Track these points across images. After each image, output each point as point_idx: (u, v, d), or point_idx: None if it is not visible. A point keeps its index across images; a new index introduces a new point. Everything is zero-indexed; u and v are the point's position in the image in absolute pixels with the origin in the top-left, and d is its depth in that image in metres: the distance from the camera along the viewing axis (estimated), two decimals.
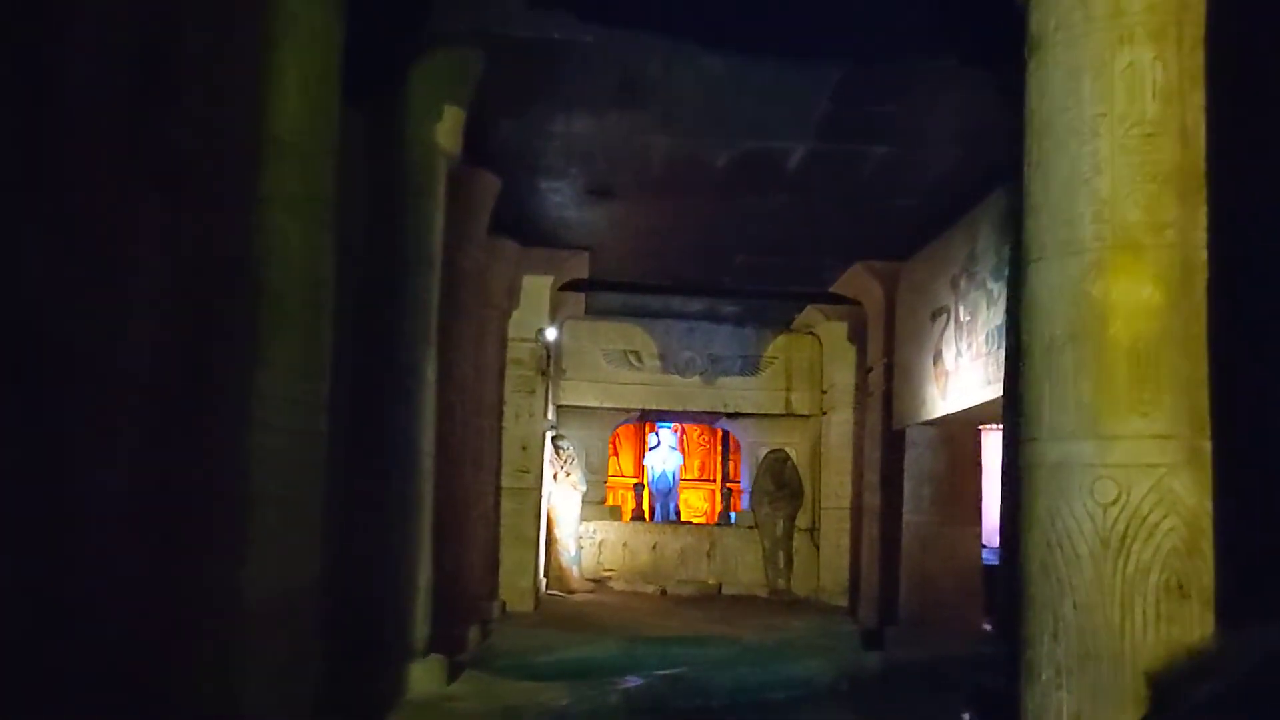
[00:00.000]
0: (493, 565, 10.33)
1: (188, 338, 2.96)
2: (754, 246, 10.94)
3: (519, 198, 9.11)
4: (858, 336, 13.30)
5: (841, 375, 13.67)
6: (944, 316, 9.62)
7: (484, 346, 9.97)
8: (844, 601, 13.16)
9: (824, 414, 14.40)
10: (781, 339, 14.92)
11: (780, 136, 7.70)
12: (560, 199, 9.37)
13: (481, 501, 9.91)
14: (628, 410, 15.03)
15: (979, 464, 10.44)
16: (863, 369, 12.82)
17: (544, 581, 13.00)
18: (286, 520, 3.23)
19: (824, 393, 14.42)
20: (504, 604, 10.50)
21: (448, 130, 5.83)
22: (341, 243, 5.02)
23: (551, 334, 11.08)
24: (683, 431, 19.93)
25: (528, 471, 10.91)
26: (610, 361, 14.68)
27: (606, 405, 14.73)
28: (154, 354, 2.85)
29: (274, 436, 3.19)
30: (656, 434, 18.10)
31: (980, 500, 10.40)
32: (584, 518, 14.13)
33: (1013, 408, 5.42)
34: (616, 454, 19.84)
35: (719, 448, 20.01)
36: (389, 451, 5.20)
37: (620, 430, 19.35)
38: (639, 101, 6.98)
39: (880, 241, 10.61)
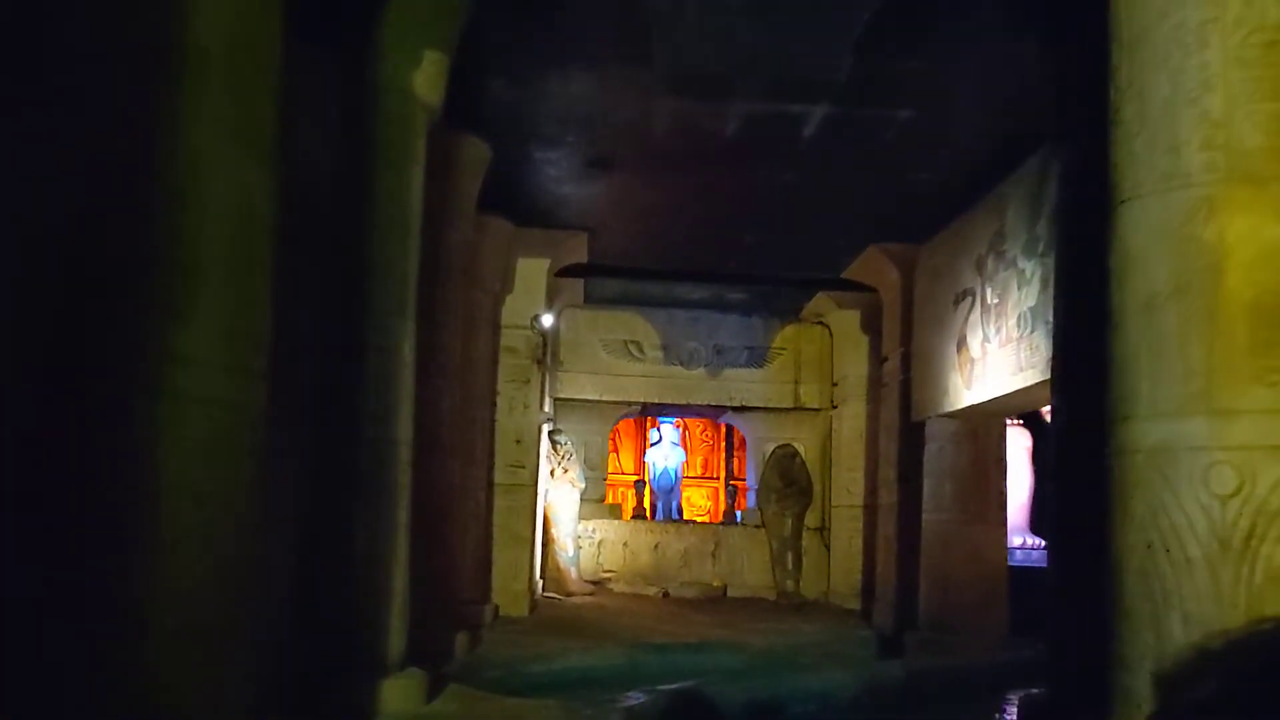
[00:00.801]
0: (484, 567, 9.70)
1: (75, 281, 2.34)
2: (763, 226, 10.30)
3: (512, 170, 8.48)
4: (871, 326, 12.68)
5: (853, 367, 13.04)
6: (968, 300, 8.99)
7: (474, 332, 9.33)
8: (856, 604, 12.53)
9: (834, 407, 13.78)
10: (790, 329, 14.28)
11: (797, 97, 7.06)
12: (556, 172, 8.74)
13: (472, 498, 9.27)
14: (628, 404, 14.40)
15: (1003, 459, 9.80)
16: (877, 359, 12.20)
17: (540, 584, 12.39)
18: (208, 517, 2.60)
19: (834, 385, 13.79)
20: (497, 608, 9.87)
21: (428, 78, 5.19)
22: (305, 200, 4.38)
23: (548, 321, 10.45)
24: (685, 427, 19.30)
25: (522, 467, 10.28)
26: (610, 352, 14.04)
27: (606, 398, 14.10)
28: (23, 301, 2.24)
29: (193, 411, 2.56)
30: (658, 429, 17.46)
31: (1005, 497, 9.77)
32: (582, 516, 13.49)
33: (1066, 391, 4.80)
34: (617, 450, 19.22)
35: (722, 444, 19.39)
36: (359, 438, 4.57)
37: (620, 425, 18.75)
38: (642, 53, 6.32)
39: (898, 222, 9.98)
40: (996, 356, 8.29)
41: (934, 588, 9.56)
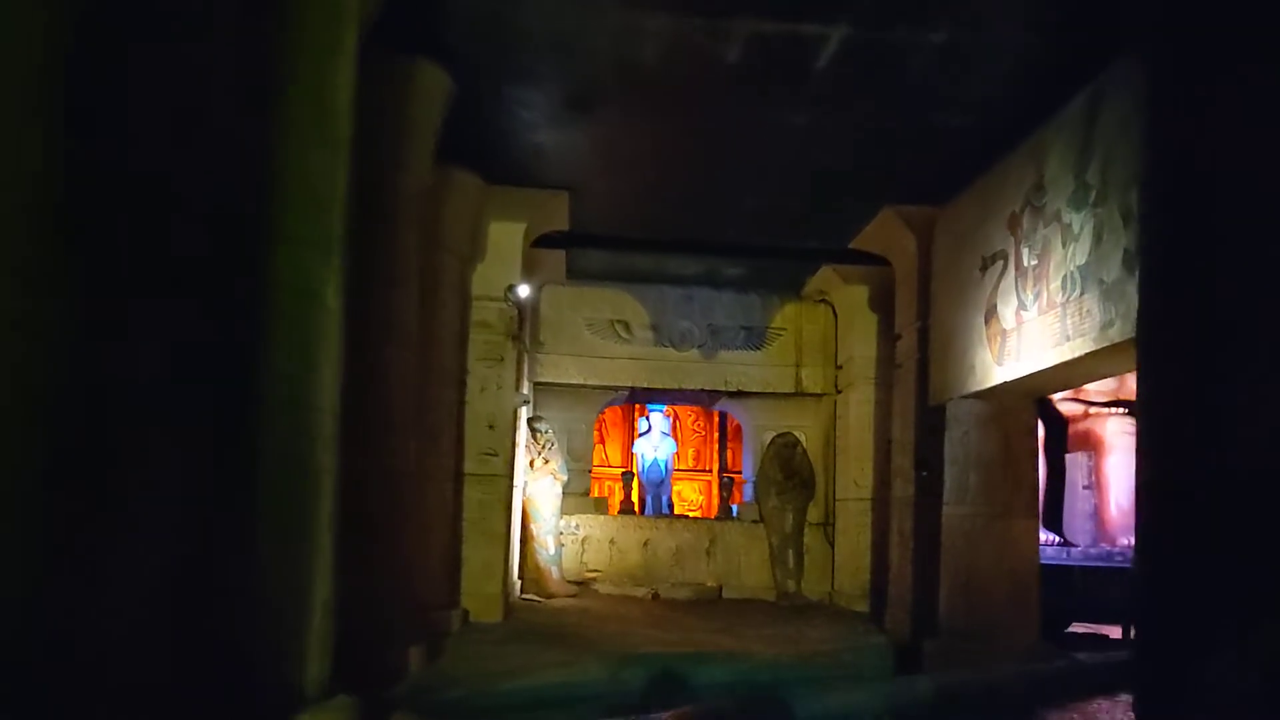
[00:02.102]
0: (452, 567, 8.70)
1: None
2: (767, 186, 9.31)
3: (479, 112, 7.47)
4: (880, 302, 11.71)
5: (861, 347, 12.06)
6: (999, 265, 8.01)
7: (439, 300, 8.34)
8: (864, 606, 11.57)
9: (839, 392, 12.81)
10: (791, 307, 13.29)
11: (812, 15, 6.05)
12: (531, 116, 7.71)
13: (436, 489, 8.28)
14: (615, 388, 13.39)
15: (1035, 445, 8.84)
16: (888, 339, 11.21)
17: (518, 585, 11.39)
18: None
19: (839, 368, 12.81)
20: (466, 613, 8.87)
21: None
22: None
23: (524, 292, 9.43)
24: (675, 416, 18.31)
25: (496, 454, 9.26)
26: (595, 333, 13.04)
27: (591, 383, 13.09)
28: None
29: None
30: (647, 418, 16.46)
31: (1036, 488, 8.81)
32: (565, 511, 12.49)
33: (1159, 354, 3.81)
34: (603, 441, 18.22)
35: (715, 434, 18.41)
36: (261, 403, 3.55)
37: (607, 414, 17.77)
38: None
39: (916, 180, 9.01)
40: (1035, 326, 7.32)
41: (956, 589, 8.59)
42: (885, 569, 10.48)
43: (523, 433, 11.53)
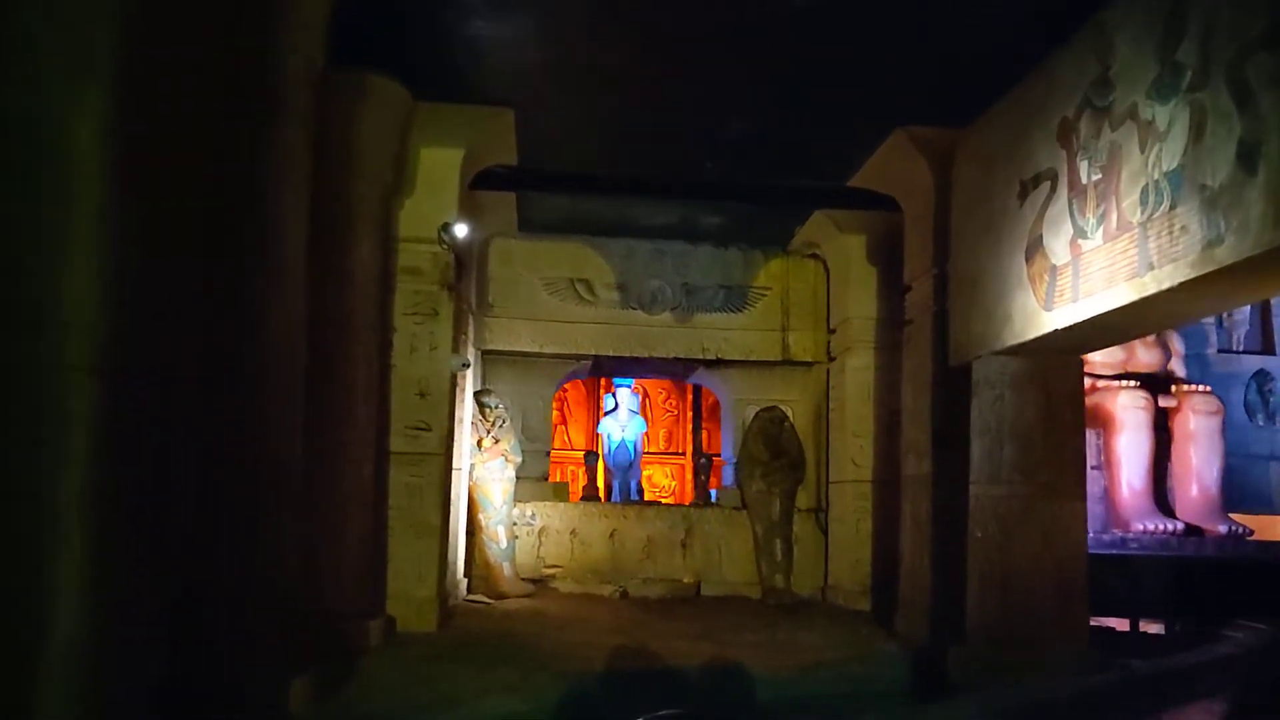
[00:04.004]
0: (371, 566, 7.19)
1: None
2: (755, 105, 7.86)
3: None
4: (881, 253, 10.31)
5: (858, 306, 10.63)
6: (1045, 187, 6.59)
7: (352, 237, 6.84)
8: (865, 604, 10.18)
9: (832, 359, 11.37)
10: (776, 263, 11.84)
11: None
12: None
13: (351, 470, 6.78)
14: (576, 357, 11.87)
15: (1080, 409, 7.44)
16: (890, 294, 9.83)
17: (463, 585, 9.90)
18: None
19: (833, 332, 11.38)
20: (392, 622, 7.39)
21: None
22: None
23: (462, 231, 7.90)
24: (645, 394, 16.82)
25: (428, 428, 7.75)
26: (552, 293, 11.53)
27: (548, 351, 11.58)
28: None
29: None
30: (613, 394, 14.96)
31: (1084, 462, 7.42)
32: (519, 498, 11.01)
33: None
34: (566, 422, 16.72)
35: (689, 413, 16.93)
36: None
37: (570, 392, 16.26)
38: None
39: (934, 94, 7.58)
40: (1099, 258, 5.89)
41: (989, 587, 7.20)
42: (891, 561, 9.07)
43: (468, 407, 10.04)
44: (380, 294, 7.39)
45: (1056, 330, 6.41)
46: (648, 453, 15.84)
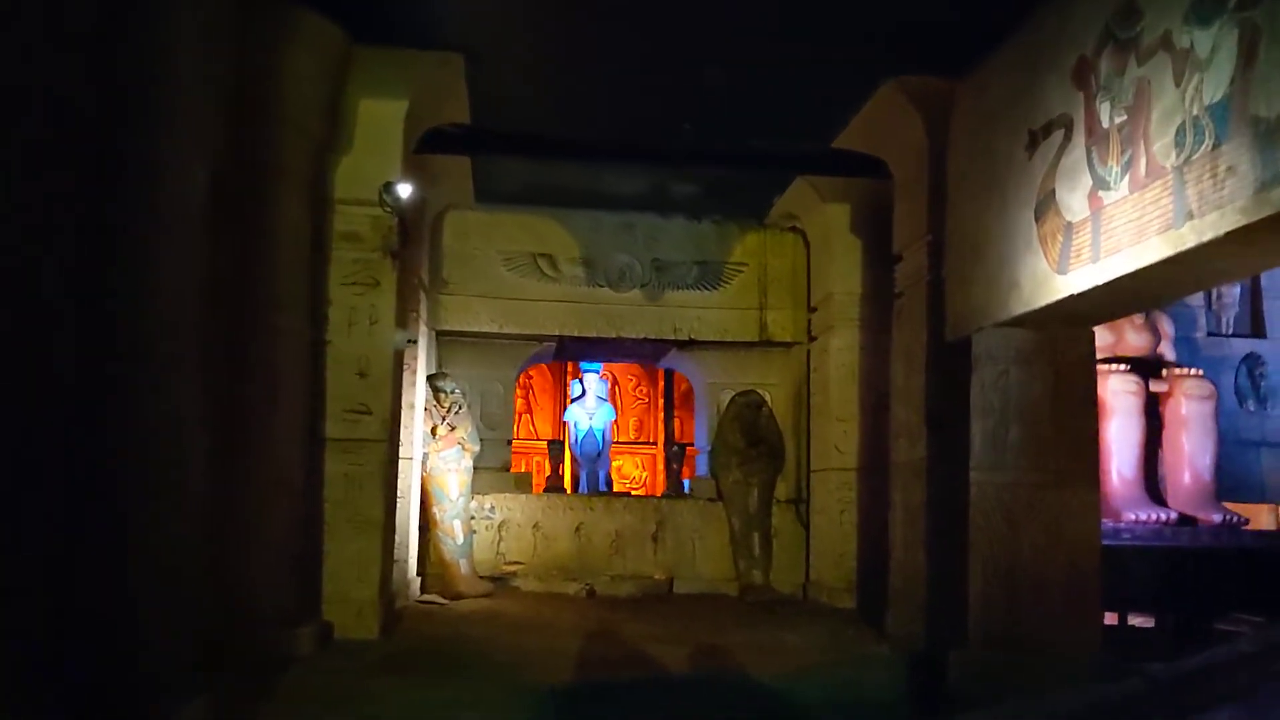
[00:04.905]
0: (303, 565, 6.45)
1: None
2: (733, 56, 7.17)
3: None
4: (867, 223, 9.67)
5: (841, 282, 9.97)
6: (1059, 135, 5.92)
7: (276, 193, 6.09)
8: (849, 602, 9.55)
9: (813, 339, 10.70)
10: (753, 237, 11.16)
11: None
12: None
13: (277, 457, 6.03)
14: (539, 338, 11.13)
15: (1094, 387, 6.78)
16: (877, 267, 9.18)
17: (415, 584, 9.18)
18: None
19: (813, 310, 10.71)
20: (328, 629, 6.66)
21: None
22: None
23: (405, 192, 7.14)
24: (614, 381, 16.13)
25: (369, 412, 6.99)
26: (513, 269, 10.80)
27: (509, 331, 10.84)
28: None
29: None
30: (580, 380, 14.24)
31: (1097, 446, 6.77)
32: (478, 490, 10.29)
33: None
34: (531, 411, 16.00)
35: (660, 401, 16.25)
36: None
37: (535, 378, 15.55)
38: None
39: (930, 37, 6.92)
40: (1124, 210, 5.22)
41: (994, 583, 6.53)
42: (878, 555, 8.42)
43: (420, 391, 9.30)
44: (312, 260, 6.66)
45: (1072, 295, 5.75)
46: (617, 442, 15.16)
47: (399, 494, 8.47)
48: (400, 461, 8.48)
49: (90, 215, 3.67)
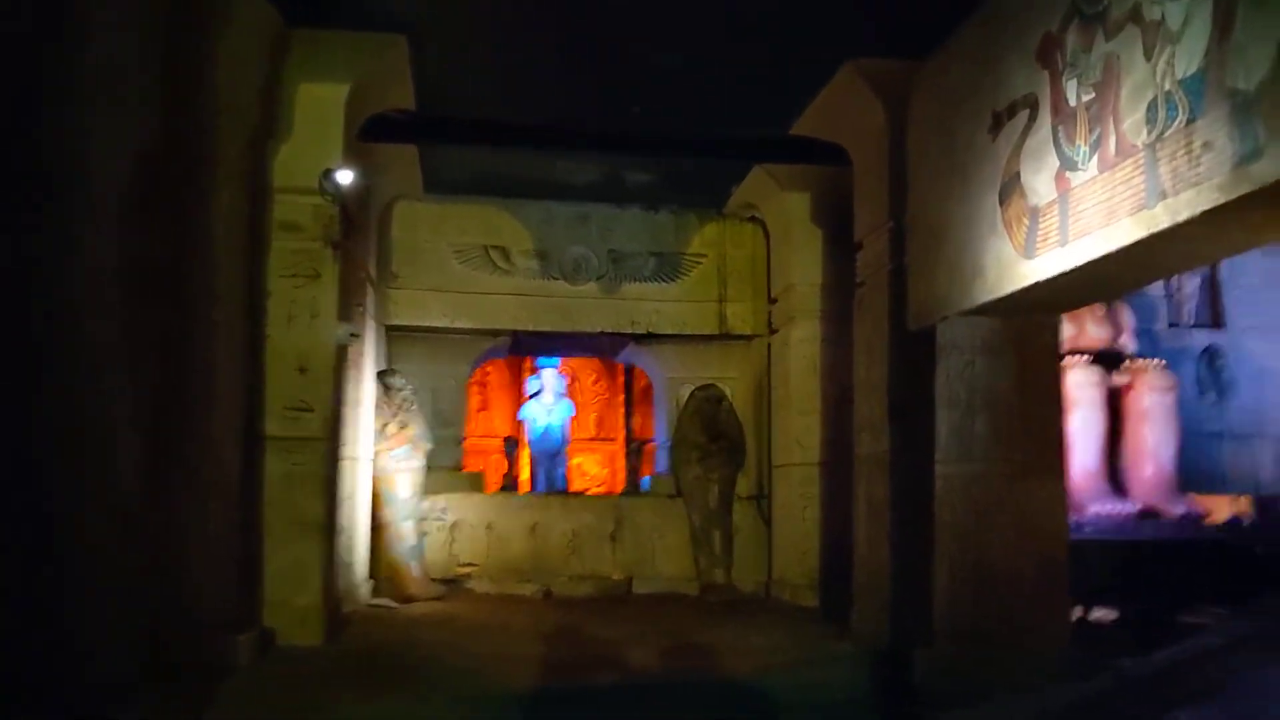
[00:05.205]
0: (241, 570, 6.16)
1: None
2: (686, 30, 6.94)
3: None
4: (828, 212, 9.50)
5: (801, 273, 9.79)
6: (1024, 116, 5.75)
7: (210, 181, 5.79)
8: (812, 600, 9.36)
9: (774, 332, 10.52)
10: (712, 228, 10.96)
11: None
12: None
13: (212, 456, 5.74)
14: (493, 333, 10.87)
15: (1058, 377, 6.65)
16: (839, 258, 9.02)
17: (364, 588, 8.90)
18: None
19: (774, 302, 10.52)
20: (269, 636, 6.38)
21: None
22: None
23: (346, 179, 6.86)
24: (573, 376, 15.87)
25: (310, 409, 6.71)
26: (465, 262, 10.53)
27: (461, 325, 10.57)
28: None
29: None
30: (537, 375, 13.98)
31: (1063, 437, 6.63)
32: (430, 490, 10.01)
33: None
34: (487, 407, 15.70)
35: (620, 396, 16.01)
36: None
37: (492, 374, 15.25)
38: None
39: (890, 17, 6.75)
40: (1093, 191, 5.05)
41: (961, 578, 6.38)
42: (842, 552, 8.23)
43: (368, 388, 9.01)
44: (249, 251, 6.37)
45: (1039, 282, 5.57)
46: (576, 439, 14.91)
47: (347, 494, 8.20)
48: (348, 461, 8.22)
49: (6, 200, 3.40)
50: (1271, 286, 10.55)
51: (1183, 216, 4.34)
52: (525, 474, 14.08)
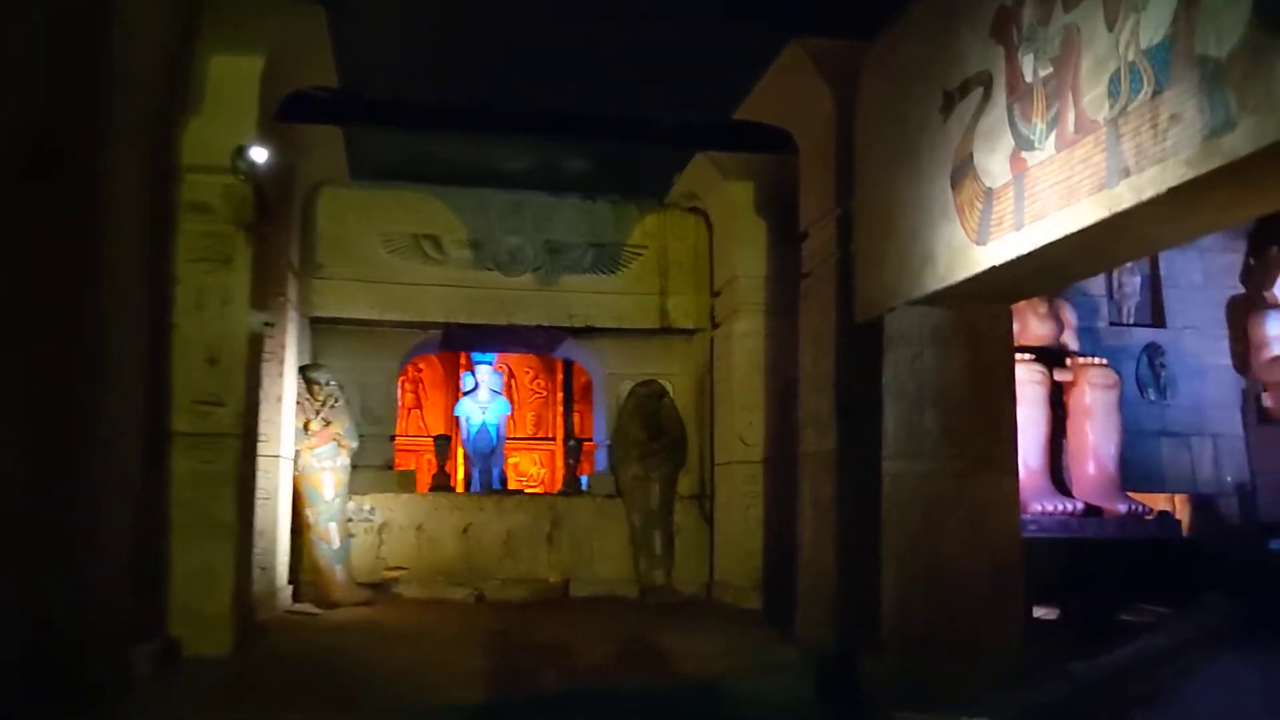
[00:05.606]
0: (142, 575, 5.74)
1: None
2: (625, 7, 6.63)
3: None
4: (772, 202, 9.29)
5: (745, 265, 9.55)
6: (978, 94, 5.51)
7: (113, 162, 5.36)
8: (755, 602, 9.09)
9: (716, 326, 10.25)
10: (652, 219, 10.64)
11: None
12: None
13: (104, 455, 5.31)
14: (424, 325, 10.45)
15: (1011, 369, 6.42)
16: (783, 249, 8.80)
17: (287, 592, 8.49)
18: None
19: (716, 295, 10.25)
20: (173, 645, 5.97)
21: None
22: None
23: (260, 157, 6.45)
24: (510, 374, 15.51)
25: (222, 404, 6.29)
26: (394, 252, 10.11)
27: (390, 318, 10.14)
28: None
29: None
30: (473, 372, 13.58)
31: (1016, 430, 6.39)
32: (357, 490, 9.60)
33: None
34: (421, 405, 15.29)
35: (560, 394, 15.68)
36: None
37: (425, 373, 14.85)
38: None
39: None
40: (1050, 171, 4.81)
41: (911, 579, 6.12)
42: (787, 553, 7.97)
43: (290, 383, 8.59)
44: (153, 234, 5.94)
45: (993, 268, 5.32)
46: (514, 438, 14.55)
47: (266, 495, 7.84)
48: (268, 460, 7.83)
49: None
50: (1211, 285, 10.54)
51: (1147, 194, 4.10)
52: (460, 473, 13.69)
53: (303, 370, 9.14)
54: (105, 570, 5.30)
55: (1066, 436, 9.09)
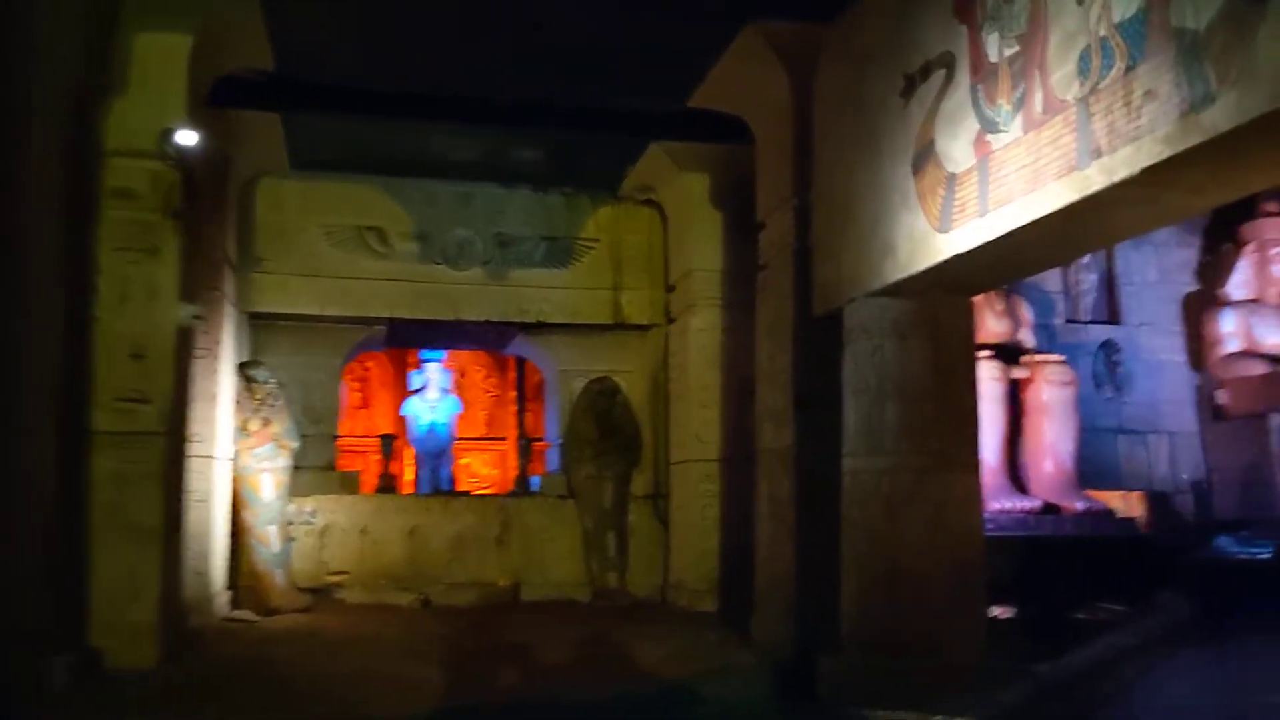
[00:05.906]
0: (59, 582, 5.42)
1: None
2: None
3: None
4: (728, 194, 9.10)
5: (701, 258, 9.34)
6: (940, 76, 5.32)
7: (28, 145, 5.04)
8: (711, 605, 8.87)
9: (671, 321, 10.02)
10: (606, 211, 10.39)
11: None
12: None
13: (17, 455, 4.98)
14: (369, 321, 10.12)
15: (973, 364, 6.24)
16: (739, 242, 8.60)
17: (225, 599, 8.15)
18: None
19: (671, 289, 10.03)
20: (94, 657, 5.63)
21: None
22: None
23: (189, 140, 6.13)
24: (461, 372, 15.19)
25: (147, 401, 5.96)
26: (337, 245, 9.79)
27: (333, 314, 9.79)
28: None
29: None
30: (422, 370, 13.26)
31: (979, 425, 6.22)
32: (298, 492, 9.27)
33: None
34: (368, 404, 14.95)
35: (512, 393, 15.38)
36: None
37: (374, 371, 14.51)
38: None
39: None
40: (1017, 154, 4.62)
41: (871, 580, 5.91)
42: (744, 554, 7.75)
43: (225, 380, 8.25)
44: (72, 221, 5.60)
45: (956, 256, 5.14)
46: (465, 438, 14.24)
47: (201, 497, 7.53)
48: (203, 460, 7.51)
49: None
50: (1166, 282, 10.49)
51: (1120, 175, 3.92)
52: (409, 474, 13.37)
53: (240, 368, 8.81)
54: (18, 577, 4.97)
55: (1024, 434, 9.00)
